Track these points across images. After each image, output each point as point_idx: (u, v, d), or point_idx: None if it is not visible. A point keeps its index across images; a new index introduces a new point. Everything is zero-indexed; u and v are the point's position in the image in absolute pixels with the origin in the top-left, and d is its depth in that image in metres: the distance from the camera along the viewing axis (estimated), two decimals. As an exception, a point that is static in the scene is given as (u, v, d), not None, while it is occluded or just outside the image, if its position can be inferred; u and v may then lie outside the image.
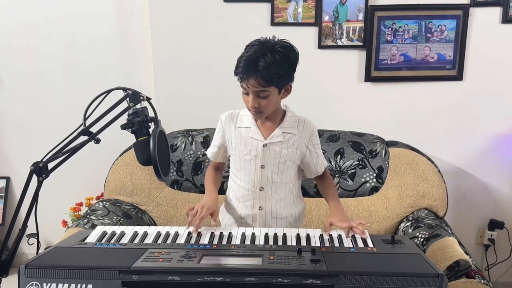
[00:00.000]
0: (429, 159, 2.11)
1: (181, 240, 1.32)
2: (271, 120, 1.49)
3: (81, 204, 2.46)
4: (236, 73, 1.37)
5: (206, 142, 2.13)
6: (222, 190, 1.74)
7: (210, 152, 1.62)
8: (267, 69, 1.31)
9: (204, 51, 2.33)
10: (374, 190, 2.08)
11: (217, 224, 1.45)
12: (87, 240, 1.31)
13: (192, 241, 1.31)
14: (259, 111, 1.40)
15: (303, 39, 2.30)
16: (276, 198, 1.53)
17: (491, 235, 2.45)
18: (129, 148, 2.19)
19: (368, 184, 2.08)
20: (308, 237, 1.33)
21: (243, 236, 1.34)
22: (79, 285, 1.08)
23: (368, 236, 1.32)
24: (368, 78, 2.32)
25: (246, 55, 1.34)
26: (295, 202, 1.60)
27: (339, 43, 2.30)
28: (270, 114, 1.46)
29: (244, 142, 1.50)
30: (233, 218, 1.61)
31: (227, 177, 1.65)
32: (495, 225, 2.43)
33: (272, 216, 1.54)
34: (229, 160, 1.61)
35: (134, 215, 2.02)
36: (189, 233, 1.36)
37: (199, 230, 1.37)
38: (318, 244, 1.29)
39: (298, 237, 1.33)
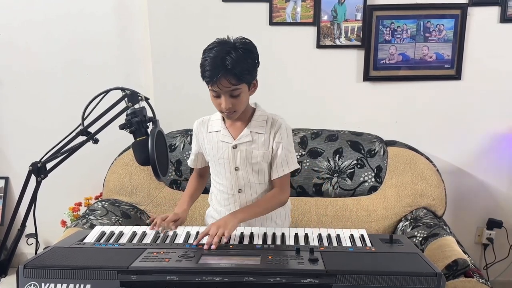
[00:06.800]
0: (427, 158, 2.11)
1: (179, 240, 1.33)
2: (240, 119, 1.47)
3: (80, 204, 2.46)
4: (204, 77, 1.34)
5: (205, 142, 2.12)
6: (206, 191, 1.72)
7: (189, 160, 1.64)
8: (236, 66, 1.30)
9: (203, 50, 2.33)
10: (373, 189, 2.08)
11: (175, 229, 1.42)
12: (85, 240, 1.31)
13: (191, 241, 1.31)
14: (233, 111, 1.38)
15: (301, 39, 2.30)
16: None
17: (490, 234, 2.45)
18: (128, 148, 2.19)
19: (366, 184, 2.08)
20: (306, 236, 1.34)
21: (242, 235, 1.35)
22: (77, 285, 1.08)
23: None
24: (367, 77, 2.32)
25: (210, 57, 1.32)
26: None
27: (338, 42, 2.30)
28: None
29: (216, 146, 1.49)
30: None
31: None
32: (493, 224, 2.43)
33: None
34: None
35: (133, 215, 2.02)
36: (188, 232, 1.38)
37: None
38: (316, 243, 1.29)
39: (296, 236, 1.34)
